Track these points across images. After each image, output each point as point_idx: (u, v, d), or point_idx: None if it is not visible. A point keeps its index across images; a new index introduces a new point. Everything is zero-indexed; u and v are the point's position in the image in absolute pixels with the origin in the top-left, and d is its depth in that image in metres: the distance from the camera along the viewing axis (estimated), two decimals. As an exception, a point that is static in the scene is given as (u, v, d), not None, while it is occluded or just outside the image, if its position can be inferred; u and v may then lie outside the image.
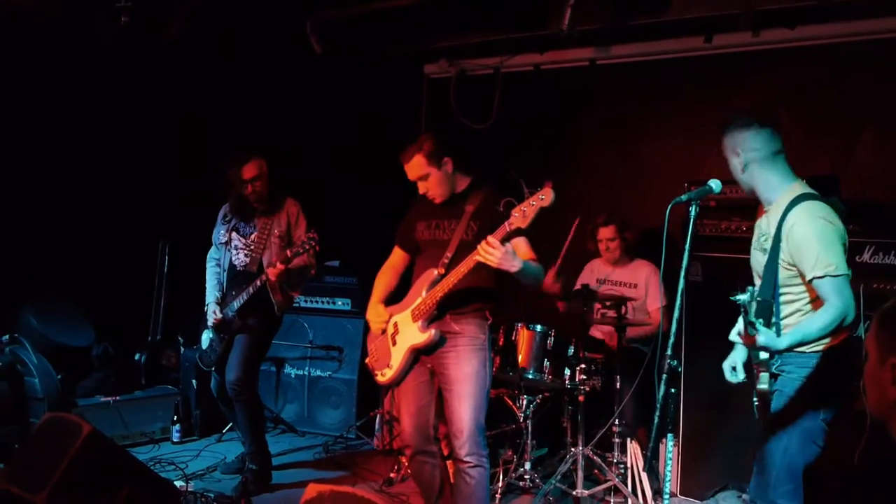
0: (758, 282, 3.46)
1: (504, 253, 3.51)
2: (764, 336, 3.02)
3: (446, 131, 6.64)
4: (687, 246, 3.21)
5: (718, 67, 5.91)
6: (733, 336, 3.19)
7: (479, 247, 3.56)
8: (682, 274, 3.20)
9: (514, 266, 3.57)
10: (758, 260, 3.46)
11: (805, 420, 3.27)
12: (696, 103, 5.95)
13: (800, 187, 3.35)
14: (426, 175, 3.94)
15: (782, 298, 3.30)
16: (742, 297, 2.98)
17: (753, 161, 3.38)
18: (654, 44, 6.10)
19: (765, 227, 3.44)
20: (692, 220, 3.25)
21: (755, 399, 3.43)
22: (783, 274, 3.29)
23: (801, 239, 3.18)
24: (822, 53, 5.50)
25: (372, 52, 6.64)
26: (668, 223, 3.24)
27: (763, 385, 3.28)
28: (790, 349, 3.14)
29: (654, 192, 5.63)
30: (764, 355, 3.27)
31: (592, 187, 6.35)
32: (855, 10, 5.23)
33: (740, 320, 3.07)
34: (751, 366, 3.48)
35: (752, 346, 3.13)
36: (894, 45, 5.20)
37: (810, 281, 3.16)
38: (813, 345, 3.21)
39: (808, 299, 3.26)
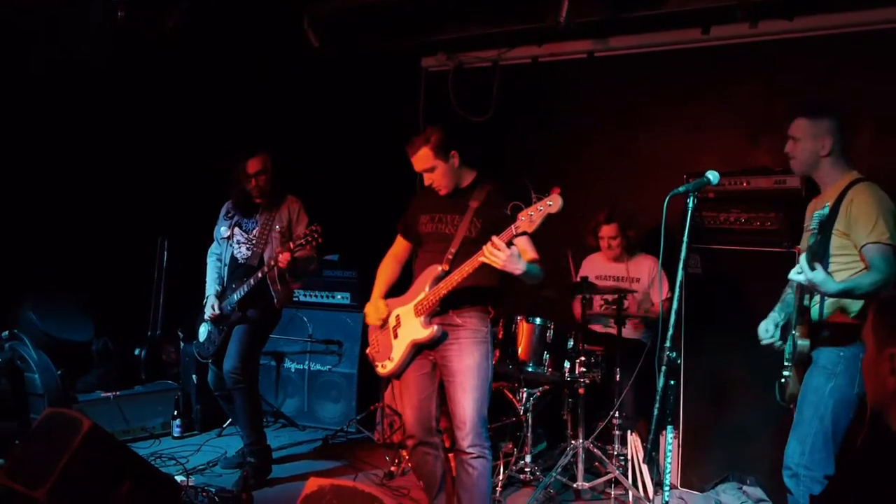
0: None
1: (509, 255, 3.52)
2: (822, 274, 3.17)
3: (445, 124, 6.67)
4: (685, 238, 3.22)
5: (716, 59, 5.90)
6: (793, 274, 3.27)
7: (484, 248, 3.56)
8: (681, 266, 3.21)
9: (518, 269, 3.58)
10: (806, 240, 3.60)
11: (839, 391, 3.39)
12: (695, 95, 5.94)
13: (857, 174, 3.56)
14: (433, 167, 3.96)
15: (831, 268, 3.40)
16: (820, 212, 3.29)
17: (836, 148, 3.56)
18: (652, 36, 6.09)
19: (816, 208, 3.56)
20: (690, 211, 3.26)
21: (785, 373, 3.54)
22: (836, 242, 3.43)
23: (862, 207, 3.37)
24: (821, 45, 5.49)
25: (370, 45, 6.63)
26: (667, 215, 3.24)
27: (803, 343, 3.42)
28: (840, 294, 3.28)
29: (652, 183, 5.62)
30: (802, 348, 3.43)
31: (591, 179, 6.35)
32: (853, 1, 5.22)
33: (803, 258, 3.21)
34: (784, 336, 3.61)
35: (811, 283, 3.22)
36: (893, 36, 5.19)
37: (863, 247, 3.34)
38: (850, 317, 3.36)
39: (857, 269, 3.39)
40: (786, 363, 3.55)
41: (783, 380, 3.59)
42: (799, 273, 3.21)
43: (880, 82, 5.23)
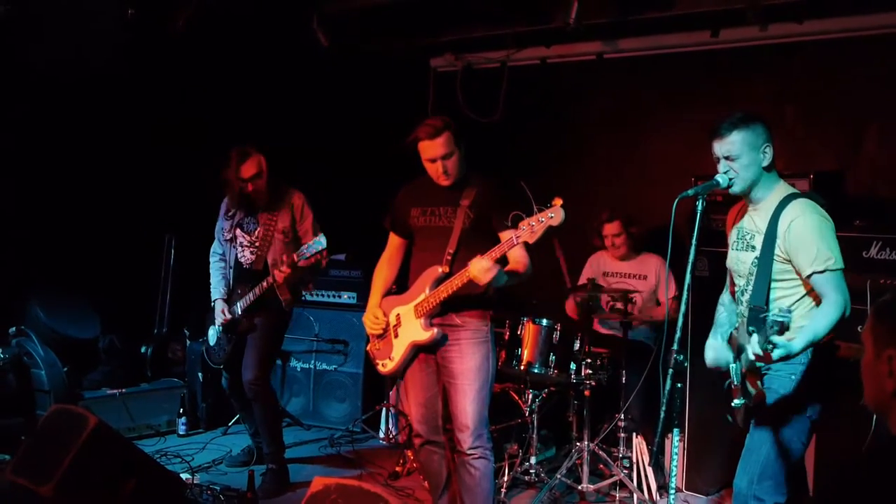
0: (739, 281, 3.43)
1: (495, 275, 3.59)
2: (783, 349, 2.88)
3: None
4: (693, 240, 3.20)
5: (725, 62, 5.89)
6: (751, 355, 2.97)
7: (472, 268, 3.58)
8: (689, 269, 3.19)
9: (497, 282, 3.67)
10: (741, 259, 3.41)
11: (792, 416, 3.25)
12: (703, 98, 5.93)
13: (786, 188, 3.35)
14: (451, 153, 3.86)
15: (773, 294, 3.25)
16: (775, 316, 2.87)
17: (771, 158, 3.31)
18: (661, 38, 6.08)
19: (749, 225, 3.40)
20: (699, 214, 3.23)
21: (736, 402, 3.29)
22: (777, 268, 3.24)
23: (801, 233, 3.16)
24: (830, 48, 5.47)
25: (379, 45, 6.64)
26: (675, 218, 3.22)
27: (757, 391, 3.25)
28: (804, 349, 3.02)
29: (660, 186, 5.62)
30: (760, 364, 3.23)
31: (599, 181, 6.35)
32: (863, 5, 5.21)
33: (754, 340, 2.92)
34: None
35: (768, 361, 2.98)
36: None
37: (809, 276, 3.14)
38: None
39: (801, 294, 3.24)
40: (733, 386, 3.32)
41: (734, 405, 3.31)
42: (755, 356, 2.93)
43: (890, 85, 5.20)
